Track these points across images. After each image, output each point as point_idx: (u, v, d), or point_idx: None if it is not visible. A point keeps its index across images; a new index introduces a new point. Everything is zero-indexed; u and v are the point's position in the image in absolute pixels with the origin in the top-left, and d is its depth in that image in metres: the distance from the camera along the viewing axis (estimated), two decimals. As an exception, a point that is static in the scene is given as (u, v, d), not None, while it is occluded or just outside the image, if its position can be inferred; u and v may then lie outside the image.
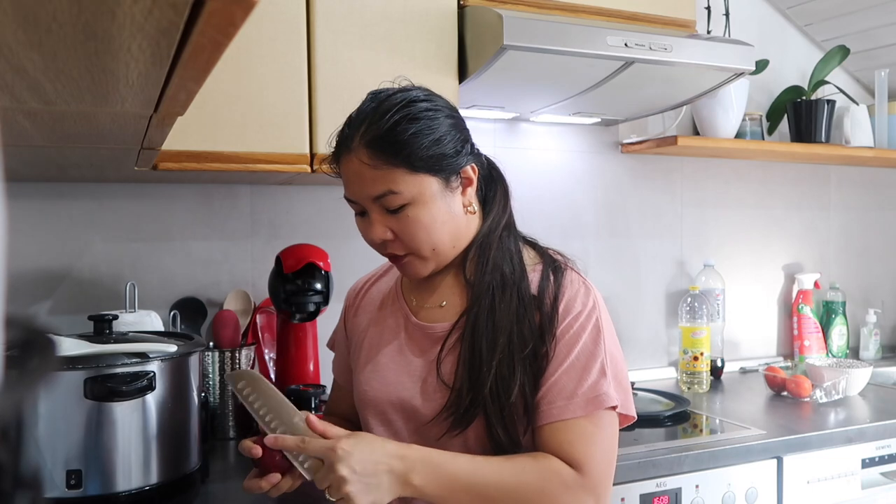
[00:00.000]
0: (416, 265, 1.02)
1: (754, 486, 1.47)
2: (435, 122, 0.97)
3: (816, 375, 1.88)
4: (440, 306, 1.06)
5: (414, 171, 0.95)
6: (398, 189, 0.95)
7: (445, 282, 1.07)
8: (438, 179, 0.97)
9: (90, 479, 1.05)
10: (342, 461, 0.87)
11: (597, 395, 0.95)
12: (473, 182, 1.02)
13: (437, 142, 0.96)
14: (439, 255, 1.01)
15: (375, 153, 0.94)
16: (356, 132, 0.96)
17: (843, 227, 2.51)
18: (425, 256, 1.00)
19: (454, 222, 1.01)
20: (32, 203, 1.56)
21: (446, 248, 1.01)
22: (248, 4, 0.38)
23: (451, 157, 0.98)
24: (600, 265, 2.11)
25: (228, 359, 1.53)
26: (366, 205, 0.98)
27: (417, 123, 0.95)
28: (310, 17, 1.40)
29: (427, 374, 1.02)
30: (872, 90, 2.37)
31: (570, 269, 1.03)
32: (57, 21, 0.39)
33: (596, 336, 0.98)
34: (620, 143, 2.14)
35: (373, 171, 0.95)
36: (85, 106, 0.63)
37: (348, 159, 0.97)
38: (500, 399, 0.95)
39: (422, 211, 0.97)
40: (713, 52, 1.61)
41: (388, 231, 0.98)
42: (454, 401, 0.97)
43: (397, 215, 0.97)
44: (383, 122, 0.94)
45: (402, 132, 0.94)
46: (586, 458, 0.93)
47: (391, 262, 1.05)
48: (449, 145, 0.97)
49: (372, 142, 0.94)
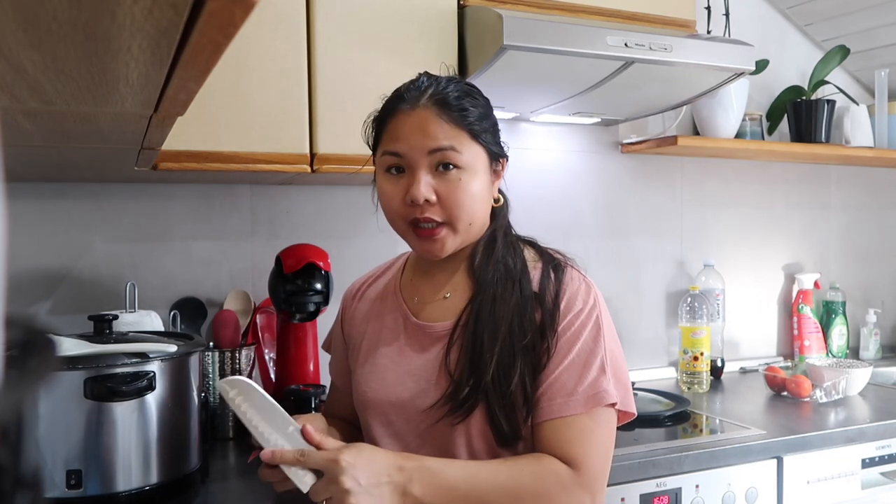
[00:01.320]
0: (446, 239, 1.00)
1: (754, 486, 1.47)
2: (489, 110, 1.04)
3: (816, 375, 1.88)
4: (444, 297, 1.06)
5: (474, 139, 0.99)
6: (461, 148, 0.97)
7: (450, 275, 1.07)
8: (489, 157, 1.02)
9: (90, 479, 1.05)
10: (346, 473, 0.86)
11: (596, 393, 0.95)
12: (501, 176, 1.06)
13: (493, 125, 1.04)
14: (471, 232, 1.02)
15: (444, 111, 0.97)
16: (422, 95, 0.99)
17: (843, 227, 2.51)
18: (459, 229, 1.00)
19: (488, 203, 1.04)
20: (32, 203, 1.56)
21: (478, 225, 1.03)
22: (248, 4, 0.38)
23: (499, 143, 1.04)
24: (600, 265, 2.11)
25: (228, 359, 1.53)
26: (418, 159, 0.97)
27: (478, 102, 1.02)
28: (310, 17, 1.40)
29: (428, 373, 1.02)
30: (872, 90, 2.37)
31: (571, 267, 1.04)
32: (57, 21, 0.39)
33: (596, 333, 0.98)
34: (620, 143, 2.14)
35: (440, 123, 0.97)
36: (85, 106, 0.63)
37: (409, 113, 0.98)
38: (501, 387, 0.95)
39: (472, 179, 0.99)
40: (713, 52, 1.61)
41: (433, 192, 0.97)
42: (454, 388, 0.97)
43: (446, 177, 0.97)
44: (450, 90, 0.99)
45: (468, 104, 0.99)
46: (584, 455, 0.94)
47: (416, 236, 1.00)
48: (498, 133, 1.05)
49: (441, 101, 0.98)
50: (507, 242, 1.05)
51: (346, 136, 1.41)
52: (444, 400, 0.97)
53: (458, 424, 0.97)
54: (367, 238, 1.81)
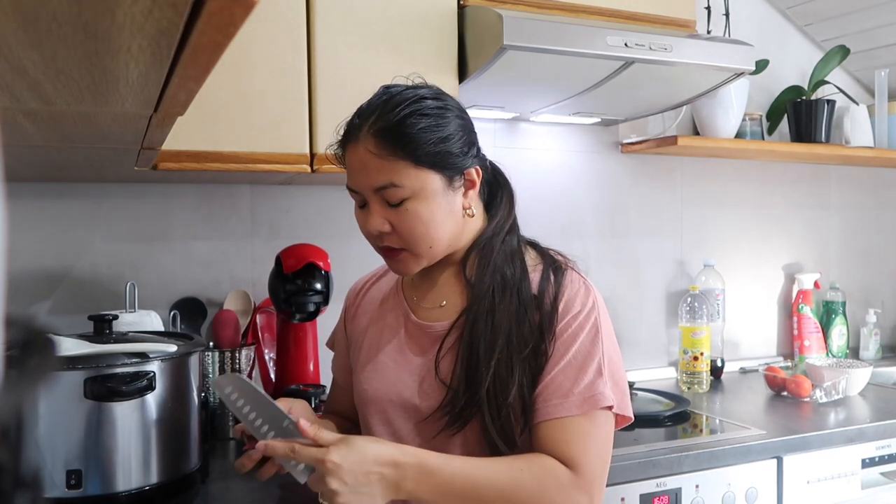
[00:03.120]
0: (408, 261, 1.02)
1: (754, 486, 1.47)
2: (444, 121, 0.98)
3: (816, 375, 1.88)
4: (440, 306, 1.06)
5: (418, 166, 0.96)
6: (400, 182, 0.95)
7: (446, 281, 1.07)
8: (442, 177, 0.98)
9: (90, 479, 1.05)
10: (331, 475, 0.86)
11: (592, 395, 0.95)
12: (476, 185, 1.03)
13: (444, 140, 0.97)
14: (434, 253, 1.02)
15: (382, 144, 0.95)
16: (365, 122, 0.97)
17: (843, 227, 2.51)
18: (420, 253, 1.00)
19: (453, 222, 1.01)
20: (32, 203, 1.56)
21: (442, 246, 1.02)
22: (248, 4, 0.38)
23: (457, 156, 0.99)
24: (600, 265, 2.11)
25: (228, 359, 1.53)
26: (367, 195, 0.98)
27: (426, 119, 0.96)
28: (309, 17, 1.40)
29: (426, 372, 1.02)
30: (872, 90, 2.37)
31: (571, 269, 1.03)
32: (57, 21, 0.39)
33: (594, 336, 0.98)
34: (620, 143, 2.14)
35: (378, 161, 0.95)
36: (85, 106, 0.63)
37: (354, 148, 0.98)
38: (497, 400, 0.95)
39: (422, 206, 0.97)
40: (713, 52, 1.61)
41: (387, 223, 0.98)
42: (450, 400, 0.97)
43: (397, 209, 0.97)
44: (393, 114, 0.95)
45: (410, 126, 0.95)
46: (581, 456, 0.94)
47: (383, 256, 1.04)
48: (455, 145, 0.98)
49: (379, 132, 0.95)
50: (505, 247, 1.03)
51: (346, 136, 1.41)
52: (440, 413, 0.98)
53: (454, 435, 0.98)
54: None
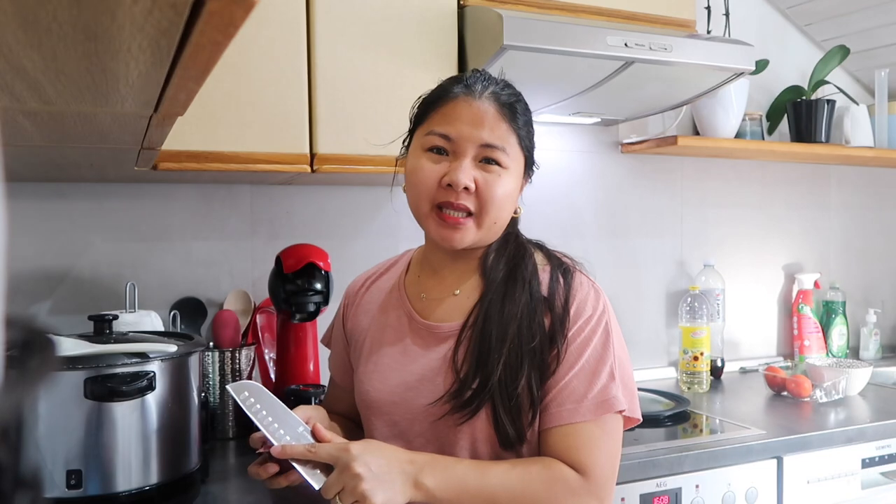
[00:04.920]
0: (468, 231, 1.00)
1: (754, 486, 1.47)
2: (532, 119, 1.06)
3: (816, 375, 1.88)
4: (454, 294, 1.06)
5: (520, 144, 1.02)
6: (509, 150, 0.99)
7: (459, 276, 1.07)
8: (525, 165, 1.05)
9: (90, 479, 1.05)
10: (357, 459, 0.87)
11: (606, 399, 0.95)
12: (527, 183, 1.08)
13: (533, 136, 1.06)
14: (492, 231, 1.03)
15: (503, 110, 0.99)
16: (488, 85, 1.00)
17: (843, 227, 2.51)
18: (483, 224, 1.00)
19: (513, 207, 1.05)
20: (32, 203, 1.56)
21: (499, 226, 1.04)
22: (248, 4, 0.38)
23: (533, 155, 1.06)
24: (600, 265, 2.11)
25: (228, 359, 1.53)
26: (466, 147, 0.98)
27: (527, 110, 1.04)
28: (310, 17, 1.40)
29: (433, 372, 1.01)
30: (872, 90, 2.37)
31: (579, 272, 1.04)
32: (57, 21, 0.39)
33: (605, 340, 0.98)
34: (620, 143, 2.14)
35: (498, 121, 0.98)
36: (85, 106, 0.63)
37: (470, 101, 0.99)
38: (507, 388, 0.95)
39: (510, 180, 1.01)
40: (713, 51, 1.61)
41: (473, 182, 0.98)
42: (459, 387, 0.97)
43: (489, 170, 0.99)
44: (512, 93, 1.02)
45: (522, 111, 1.02)
46: (592, 462, 0.94)
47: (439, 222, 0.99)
48: (534, 145, 1.06)
49: (503, 100, 1.00)
50: (518, 245, 1.06)
51: (346, 136, 1.41)
52: (447, 397, 0.97)
53: (462, 425, 0.97)
54: (367, 238, 1.81)
